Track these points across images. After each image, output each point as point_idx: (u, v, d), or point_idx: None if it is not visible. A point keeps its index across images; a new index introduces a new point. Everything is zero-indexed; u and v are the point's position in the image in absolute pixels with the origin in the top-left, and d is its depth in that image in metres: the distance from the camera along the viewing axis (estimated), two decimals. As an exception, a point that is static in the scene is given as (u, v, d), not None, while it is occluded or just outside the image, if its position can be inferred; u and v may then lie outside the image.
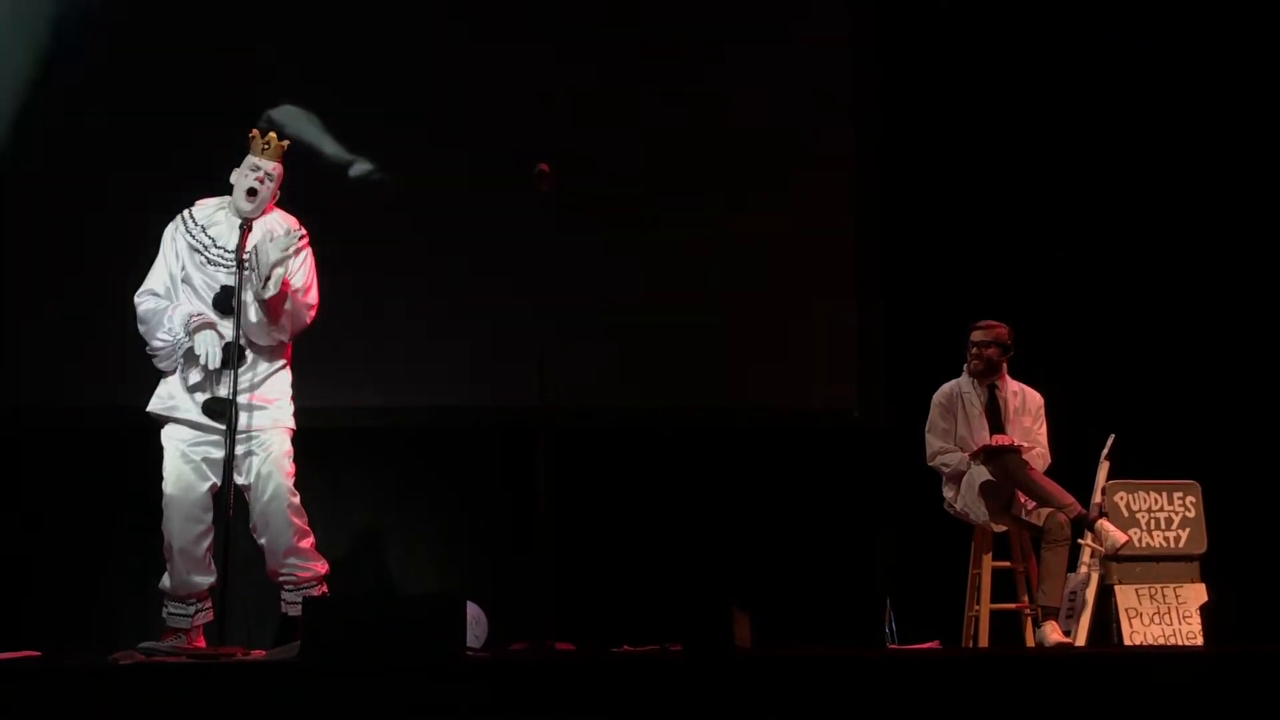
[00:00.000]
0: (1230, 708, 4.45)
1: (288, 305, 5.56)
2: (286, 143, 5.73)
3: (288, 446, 5.61)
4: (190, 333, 5.49)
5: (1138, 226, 7.62)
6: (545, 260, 5.48)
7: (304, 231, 5.71)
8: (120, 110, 7.18)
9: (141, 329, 5.63)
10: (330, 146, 7.28)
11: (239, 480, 5.53)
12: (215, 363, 5.46)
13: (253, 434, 5.55)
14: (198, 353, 5.46)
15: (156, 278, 5.66)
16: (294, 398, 5.72)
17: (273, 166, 5.66)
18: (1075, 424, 6.61)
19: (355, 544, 6.98)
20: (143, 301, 5.64)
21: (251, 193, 5.62)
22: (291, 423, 5.67)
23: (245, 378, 5.56)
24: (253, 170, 5.64)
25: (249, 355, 5.58)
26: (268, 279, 5.45)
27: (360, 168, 7.33)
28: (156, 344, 5.59)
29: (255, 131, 5.70)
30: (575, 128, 7.32)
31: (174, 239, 5.67)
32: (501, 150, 7.16)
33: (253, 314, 5.54)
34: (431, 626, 4.55)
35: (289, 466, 5.58)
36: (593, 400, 7.15)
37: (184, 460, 5.53)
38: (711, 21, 7.61)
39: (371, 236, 7.13)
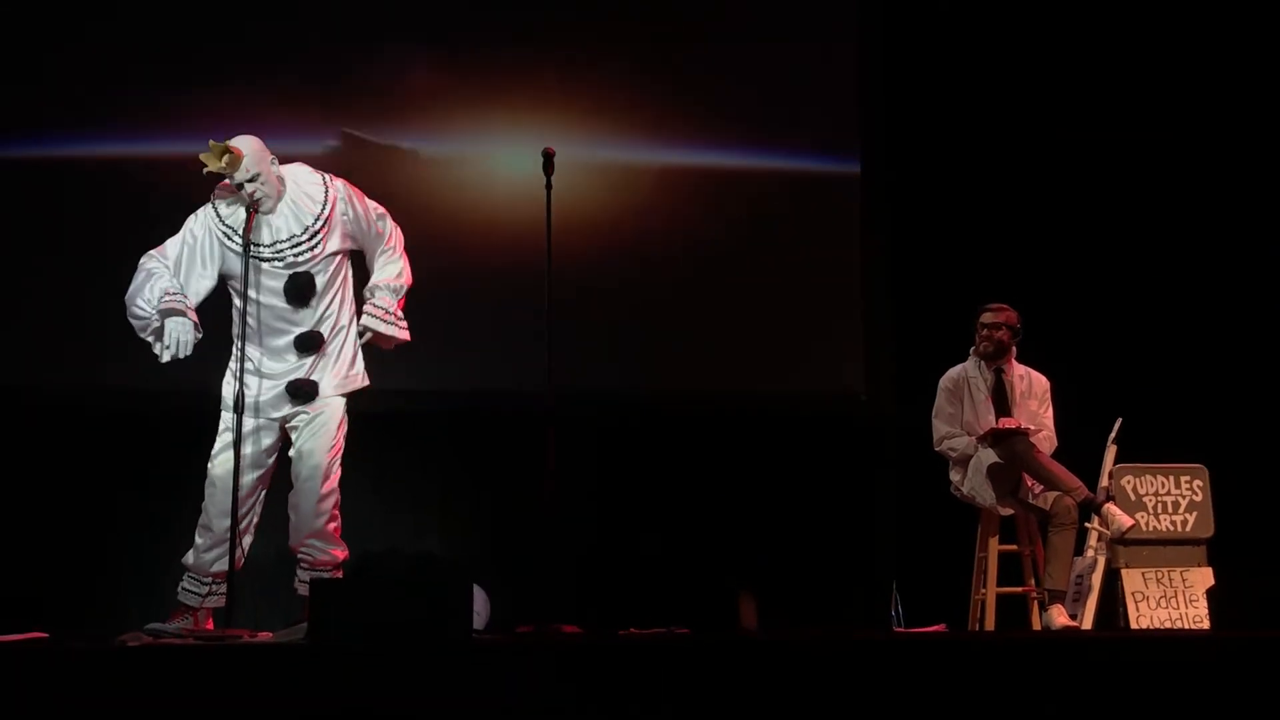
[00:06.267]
0: (1236, 692, 4.44)
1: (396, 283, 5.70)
2: (227, 144, 5.25)
3: (338, 420, 5.52)
4: (160, 313, 5.23)
5: (1146, 210, 7.60)
6: (555, 243, 5.47)
7: (331, 182, 5.50)
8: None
9: (130, 289, 5.31)
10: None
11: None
12: (184, 352, 5.21)
13: (306, 410, 5.48)
14: (165, 341, 5.21)
15: (172, 245, 5.37)
16: (355, 370, 5.61)
17: (249, 170, 5.26)
18: (1082, 408, 6.60)
19: (363, 525, 6.97)
20: (148, 259, 5.34)
21: (258, 203, 5.30)
22: (345, 391, 5.54)
23: (331, 355, 5.52)
24: (239, 188, 5.29)
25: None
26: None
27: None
28: (135, 311, 5.29)
29: (202, 159, 5.24)
30: (583, 113, 7.34)
31: (204, 223, 5.38)
32: (510, 133, 7.16)
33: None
34: (439, 608, 4.56)
35: (328, 444, 5.48)
36: (602, 385, 7.16)
37: (229, 442, 5.36)
38: (718, 15, 7.63)
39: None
